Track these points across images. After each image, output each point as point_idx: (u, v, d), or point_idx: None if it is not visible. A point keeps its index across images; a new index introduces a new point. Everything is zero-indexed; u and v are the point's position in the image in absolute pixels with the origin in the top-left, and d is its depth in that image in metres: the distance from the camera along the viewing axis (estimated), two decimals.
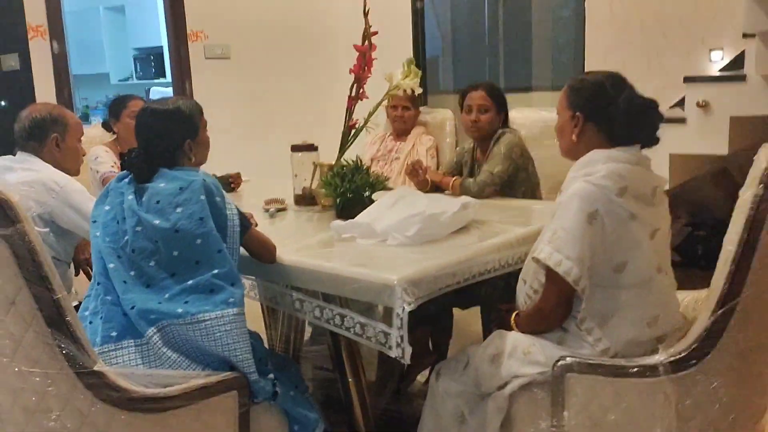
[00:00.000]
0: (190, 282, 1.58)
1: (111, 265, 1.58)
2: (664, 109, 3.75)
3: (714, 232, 3.53)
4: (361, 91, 2.22)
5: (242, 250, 1.75)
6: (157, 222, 1.58)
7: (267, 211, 2.33)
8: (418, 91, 2.25)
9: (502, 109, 2.68)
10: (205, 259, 1.60)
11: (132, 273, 1.58)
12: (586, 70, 4.51)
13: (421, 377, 2.62)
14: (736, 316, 1.43)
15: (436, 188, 2.65)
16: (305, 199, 2.42)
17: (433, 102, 5.22)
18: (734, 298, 1.42)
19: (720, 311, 1.43)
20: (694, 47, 4.07)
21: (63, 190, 2.06)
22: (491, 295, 2.26)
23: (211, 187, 1.65)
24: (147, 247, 1.58)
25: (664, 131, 3.42)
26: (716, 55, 4.03)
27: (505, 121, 2.68)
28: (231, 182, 2.87)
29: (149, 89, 6.09)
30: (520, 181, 2.61)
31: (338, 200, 2.18)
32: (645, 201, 1.62)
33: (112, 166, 2.79)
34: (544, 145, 2.84)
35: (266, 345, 2.38)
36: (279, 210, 2.37)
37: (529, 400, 1.66)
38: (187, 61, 4.76)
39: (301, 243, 1.93)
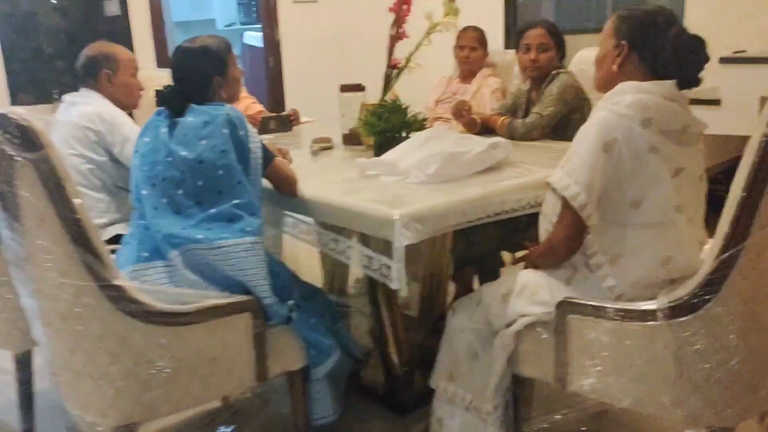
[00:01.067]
0: (212, 210, 1.71)
1: (144, 192, 1.74)
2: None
3: None
4: (401, 29, 2.22)
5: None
6: (184, 153, 1.71)
7: (312, 148, 2.42)
8: (455, 29, 2.22)
9: (560, 49, 2.59)
10: (226, 189, 1.72)
11: (164, 200, 1.73)
12: (686, 5, 4.20)
13: None
14: (740, 263, 1.36)
15: (487, 129, 2.63)
16: (351, 139, 2.49)
17: None
18: (738, 243, 1.35)
19: (723, 256, 1.37)
20: None
21: (112, 122, 2.26)
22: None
23: (234, 121, 1.75)
24: (176, 177, 1.72)
25: (755, 72, 3.16)
26: None
27: (561, 63, 2.60)
28: (292, 120, 2.98)
29: (242, 33, 6.31)
30: (573, 124, 2.52)
31: (376, 139, 2.23)
32: (672, 137, 1.56)
33: None
34: None
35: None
36: (324, 148, 2.45)
37: (534, 340, 1.68)
38: (275, 6, 4.89)
39: (328, 178, 2.01)
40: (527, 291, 1.70)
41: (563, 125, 2.52)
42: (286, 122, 2.95)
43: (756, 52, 3.63)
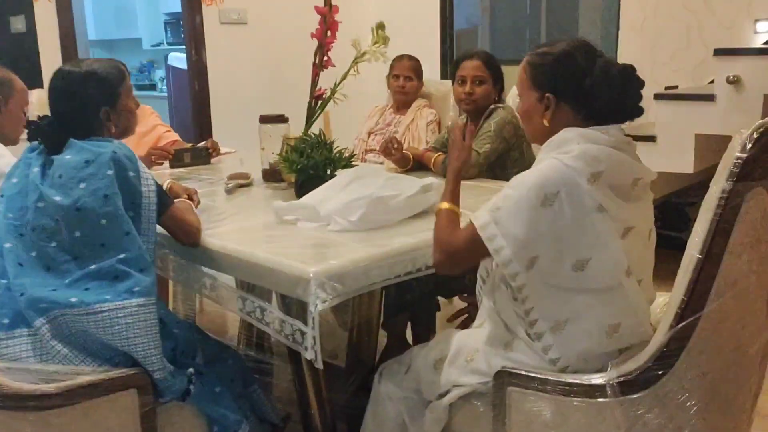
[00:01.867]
0: (93, 267, 1.44)
1: (8, 245, 1.46)
2: (701, 84, 3.43)
3: None
4: (326, 58, 2.02)
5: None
6: (58, 198, 1.44)
7: (226, 186, 2.17)
8: (387, 59, 2.03)
9: (498, 81, 2.44)
10: (111, 242, 1.46)
11: (33, 254, 1.46)
12: (619, 41, 4.18)
13: None
14: (698, 333, 1.20)
15: (421, 165, 2.45)
16: (272, 175, 2.26)
17: None
18: (695, 311, 1.19)
19: (678, 326, 1.20)
20: (737, 17, 3.69)
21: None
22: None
23: (122, 160, 1.49)
24: (48, 226, 1.45)
25: (690, 110, 3.11)
26: (762, 26, 3.64)
27: (499, 96, 2.45)
28: (211, 152, 2.73)
29: (167, 55, 6.01)
30: (512, 162, 2.38)
31: (297, 177, 2.01)
32: (621, 193, 1.38)
33: None
34: None
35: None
36: (242, 185, 2.21)
37: (470, 413, 1.48)
38: (201, 27, 4.63)
39: (239, 224, 1.77)
40: (462, 357, 1.51)
41: (501, 163, 2.36)
42: (203, 155, 2.70)
43: (688, 88, 3.61)
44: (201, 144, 2.79)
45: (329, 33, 1.98)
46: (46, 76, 4.02)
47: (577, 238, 1.34)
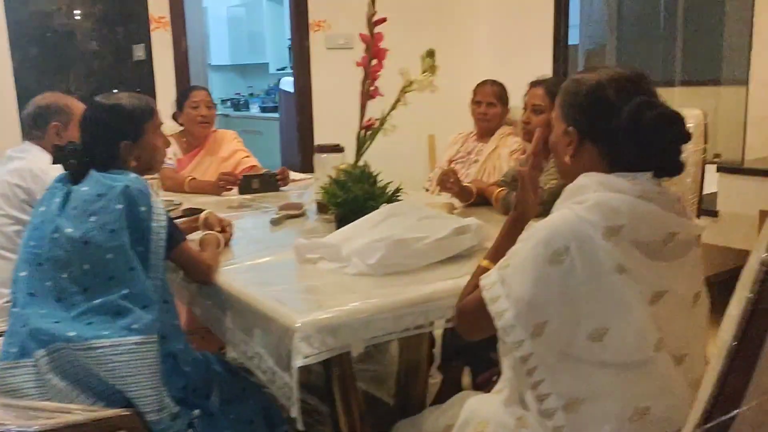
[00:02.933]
0: (97, 301, 1.44)
1: (23, 273, 1.49)
2: None
3: None
4: (374, 87, 1.92)
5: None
6: (69, 230, 1.45)
7: (274, 217, 2.13)
8: (434, 89, 1.89)
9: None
10: (118, 276, 1.44)
11: (48, 284, 1.47)
12: (751, 63, 3.71)
13: None
14: None
15: (486, 200, 2.27)
16: (325, 207, 2.18)
17: None
18: (728, 408, 0.95)
19: (706, 426, 0.96)
20: None
21: (44, 180, 2.04)
22: None
23: (134, 195, 1.48)
24: (61, 257, 1.47)
25: None
26: None
27: None
28: (278, 179, 2.72)
29: (280, 79, 6.20)
30: None
31: (338, 212, 1.92)
32: (649, 251, 1.15)
33: (169, 158, 2.77)
34: None
35: None
36: (291, 217, 2.16)
37: None
38: (307, 51, 4.72)
39: (264, 259, 1.70)
40: (470, 428, 1.33)
41: None
42: (272, 182, 2.69)
43: None
44: (271, 171, 2.78)
45: (375, 61, 1.88)
46: (160, 101, 4.29)
47: (593, 302, 1.13)
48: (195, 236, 1.80)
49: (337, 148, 2.20)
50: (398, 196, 1.95)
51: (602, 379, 1.16)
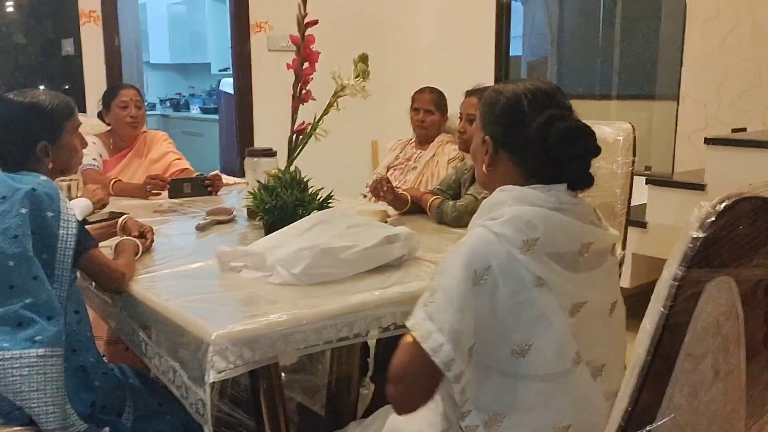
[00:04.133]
0: None
1: None
2: None
3: None
4: (306, 91, 1.88)
5: None
6: None
7: (200, 223, 2.05)
8: (366, 95, 1.86)
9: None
10: (20, 285, 1.35)
11: None
12: (681, 79, 3.83)
13: None
14: None
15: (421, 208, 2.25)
16: (256, 213, 2.12)
17: None
18: (641, 425, 0.94)
19: None
20: None
21: None
22: None
23: (41, 198, 1.39)
24: None
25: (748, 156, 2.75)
26: None
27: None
28: (208, 184, 2.63)
29: (220, 80, 6.09)
30: None
31: (266, 218, 1.86)
32: (566, 263, 1.15)
33: (94, 159, 2.66)
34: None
35: None
36: (219, 222, 2.09)
37: None
38: (248, 53, 4.63)
39: (184, 267, 1.63)
40: None
41: None
42: (203, 186, 2.60)
43: (755, 133, 3.24)
44: (201, 175, 2.69)
45: (306, 64, 1.83)
46: (89, 99, 4.13)
47: (516, 318, 1.11)
48: (112, 242, 1.72)
49: (269, 152, 2.15)
50: (329, 203, 1.91)
51: (523, 392, 1.14)
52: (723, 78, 3.61)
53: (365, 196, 3.00)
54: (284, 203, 1.82)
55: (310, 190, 1.89)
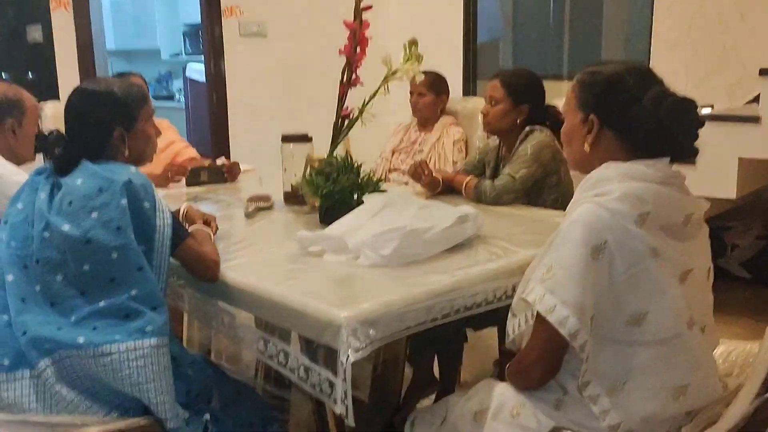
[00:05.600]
0: (102, 303, 1.32)
1: (10, 277, 1.33)
2: (738, 105, 3.27)
3: None
4: (355, 76, 1.89)
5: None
6: (66, 228, 1.32)
7: (246, 209, 2.04)
8: (420, 78, 1.90)
9: (522, 102, 2.26)
10: (121, 277, 1.33)
11: (37, 288, 1.33)
12: (651, 58, 4.03)
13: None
14: None
15: (451, 189, 2.31)
16: (294, 198, 2.13)
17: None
18: None
19: (763, 397, 1.05)
20: None
21: (5, 182, 1.82)
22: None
23: (138, 190, 1.37)
24: (54, 258, 1.33)
25: (733, 131, 2.95)
26: None
27: (534, 118, 2.28)
28: (225, 172, 2.60)
29: (186, 66, 5.92)
30: (549, 188, 2.23)
31: (322, 203, 1.87)
32: (674, 233, 1.24)
33: None
34: None
35: None
36: (261, 209, 2.08)
37: None
38: (220, 38, 4.54)
39: (262, 254, 1.64)
40: (506, 411, 1.35)
41: (537, 189, 2.21)
42: (219, 174, 2.57)
43: (727, 109, 3.45)
44: (218, 163, 2.66)
45: (359, 49, 1.85)
46: (62, 87, 3.95)
47: (633, 288, 1.19)
48: None
49: (305, 138, 2.14)
50: (381, 186, 1.94)
51: (640, 358, 1.23)
52: (690, 58, 3.83)
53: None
54: (342, 187, 1.84)
55: (361, 175, 1.91)
